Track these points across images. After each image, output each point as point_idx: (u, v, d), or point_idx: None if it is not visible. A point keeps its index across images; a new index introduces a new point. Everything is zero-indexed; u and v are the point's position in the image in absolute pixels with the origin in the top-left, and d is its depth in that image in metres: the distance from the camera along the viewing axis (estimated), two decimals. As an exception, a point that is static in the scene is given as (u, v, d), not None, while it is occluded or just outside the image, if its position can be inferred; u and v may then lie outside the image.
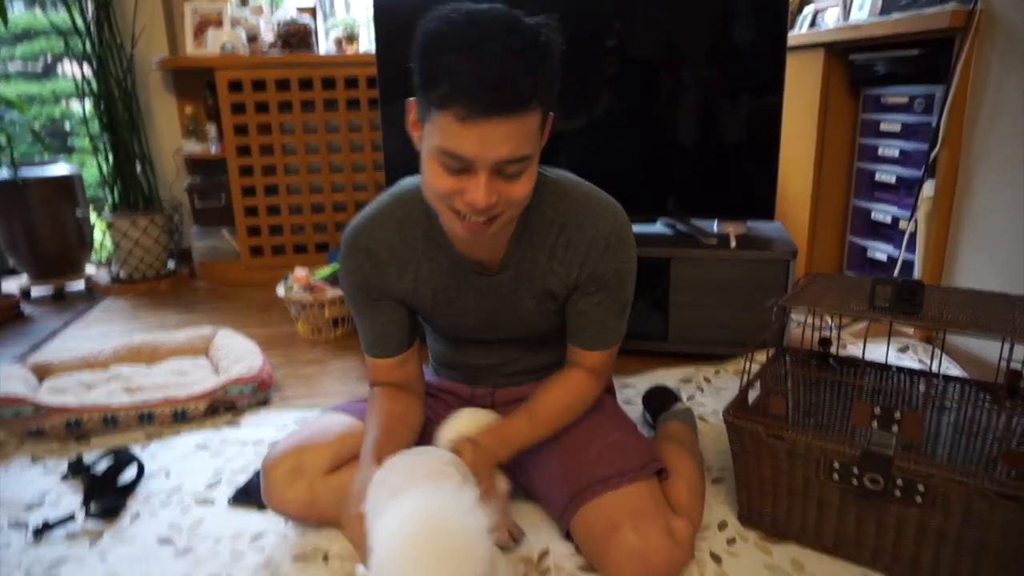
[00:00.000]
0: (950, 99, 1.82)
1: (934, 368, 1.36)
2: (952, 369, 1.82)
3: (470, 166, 0.94)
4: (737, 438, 1.17)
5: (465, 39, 0.89)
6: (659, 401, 1.56)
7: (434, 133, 0.94)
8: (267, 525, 1.26)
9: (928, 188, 1.92)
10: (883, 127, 2.21)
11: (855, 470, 1.06)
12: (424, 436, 1.20)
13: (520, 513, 1.27)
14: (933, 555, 1.05)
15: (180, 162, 3.10)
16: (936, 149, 1.87)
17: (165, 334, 2.08)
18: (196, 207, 3.02)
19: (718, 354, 1.96)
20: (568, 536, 1.17)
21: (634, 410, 1.62)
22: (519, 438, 1.16)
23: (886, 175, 2.22)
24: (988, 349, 1.65)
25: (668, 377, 1.83)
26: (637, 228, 1.97)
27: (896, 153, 2.16)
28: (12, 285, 2.84)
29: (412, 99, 0.99)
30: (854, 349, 1.98)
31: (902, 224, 2.08)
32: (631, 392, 1.74)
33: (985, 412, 1.27)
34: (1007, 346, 1.13)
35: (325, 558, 1.17)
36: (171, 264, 3.05)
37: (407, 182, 1.17)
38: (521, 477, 1.27)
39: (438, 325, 1.26)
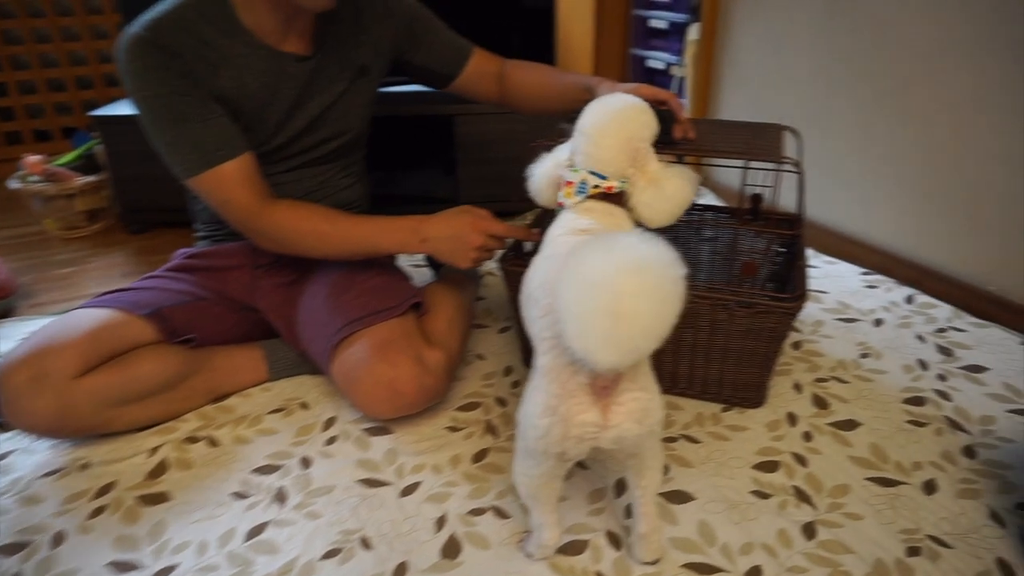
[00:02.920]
0: (709, -63, 1.85)
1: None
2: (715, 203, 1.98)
3: None
4: (513, 284, 1.19)
5: None
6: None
7: None
8: (11, 445, 1.12)
9: (694, 31, 1.98)
10: (654, -29, 2.23)
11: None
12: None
13: (308, 385, 1.24)
14: (688, 367, 1.15)
15: None
16: (699, -10, 1.92)
17: None
18: None
19: (510, 211, 1.97)
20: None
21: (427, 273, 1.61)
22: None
23: (659, 21, 2.26)
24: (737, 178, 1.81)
25: (460, 237, 1.82)
26: (417, 88, 1.87)
27: (666, -3, 2.20)
28: None
29: None
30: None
31: (673, 70, 2.16)
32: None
33: (731, 235, 1.39)
34: (748, 171, 1.22)
35: (85, 467, 1.06)
36: None
37: None
38: (293, 340, 1.23)
39: (259, 131, 1.14)
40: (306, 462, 1.06)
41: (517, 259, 1.20)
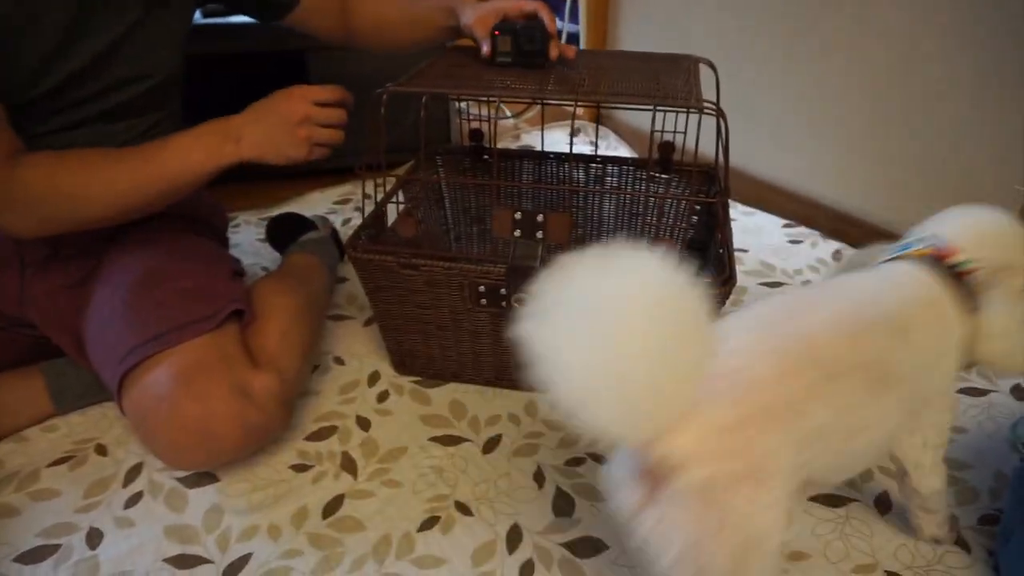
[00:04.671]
0: None
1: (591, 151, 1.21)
2: (620, 148, 1.75)
3: None
4: (368, 275, 0.93)
5: None
6: (286, 232, 1.27)
7: None
8: None
9: (587, -57, 1.70)
10: None
11: (503, 291, 0.88)
12: None
13: (110, 417, 0.95)
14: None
15: None
16: None
17: None
18: None
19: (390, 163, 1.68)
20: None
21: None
22: None
23: (549, -67, 1.96)
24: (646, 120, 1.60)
25: (322, 200, 1.53)
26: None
27: (556, -95, 1.89)
28: None
29: None
30: (529, 138, 1.83)
31: (567, -9, 1.89)
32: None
33: (643, 190, 1.17)
34: (657, 117, 0.99)
35: None
36: None
37: None
38: (84, 361, 0.93)
39: (14, 70, 0.80)
40: (95, 537, 0.79)
41: (369, 243, 0.93)
